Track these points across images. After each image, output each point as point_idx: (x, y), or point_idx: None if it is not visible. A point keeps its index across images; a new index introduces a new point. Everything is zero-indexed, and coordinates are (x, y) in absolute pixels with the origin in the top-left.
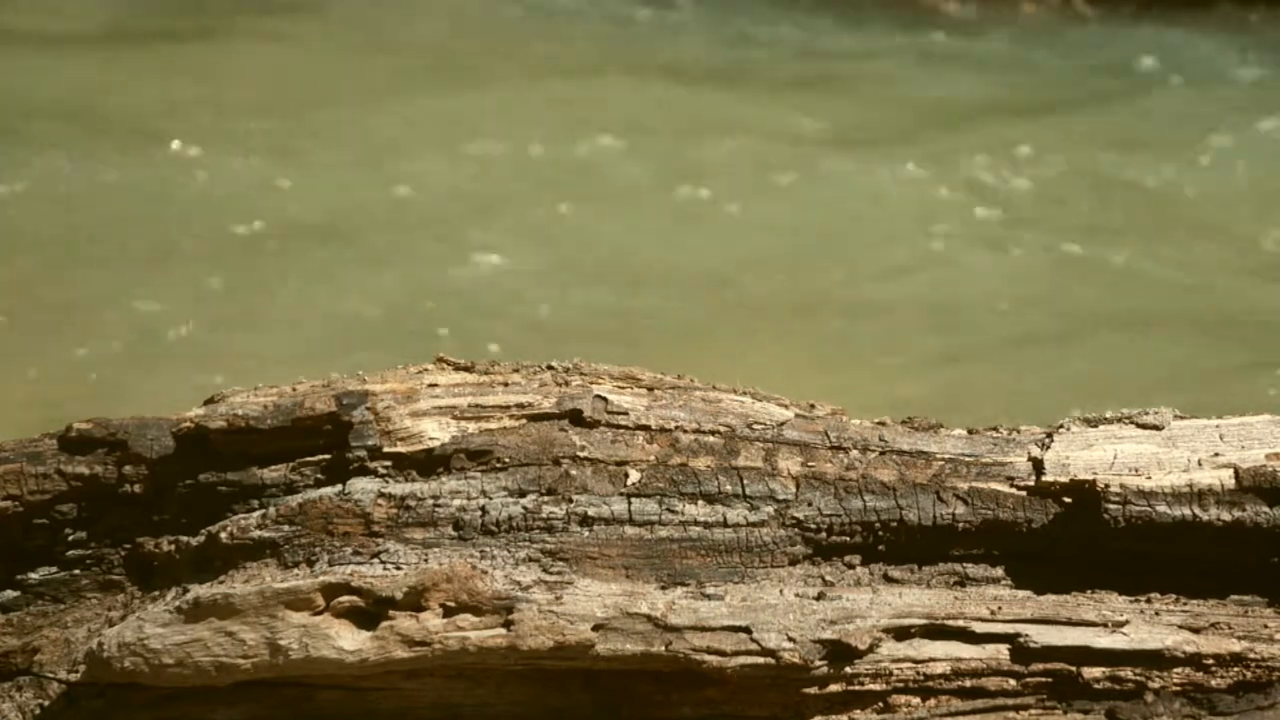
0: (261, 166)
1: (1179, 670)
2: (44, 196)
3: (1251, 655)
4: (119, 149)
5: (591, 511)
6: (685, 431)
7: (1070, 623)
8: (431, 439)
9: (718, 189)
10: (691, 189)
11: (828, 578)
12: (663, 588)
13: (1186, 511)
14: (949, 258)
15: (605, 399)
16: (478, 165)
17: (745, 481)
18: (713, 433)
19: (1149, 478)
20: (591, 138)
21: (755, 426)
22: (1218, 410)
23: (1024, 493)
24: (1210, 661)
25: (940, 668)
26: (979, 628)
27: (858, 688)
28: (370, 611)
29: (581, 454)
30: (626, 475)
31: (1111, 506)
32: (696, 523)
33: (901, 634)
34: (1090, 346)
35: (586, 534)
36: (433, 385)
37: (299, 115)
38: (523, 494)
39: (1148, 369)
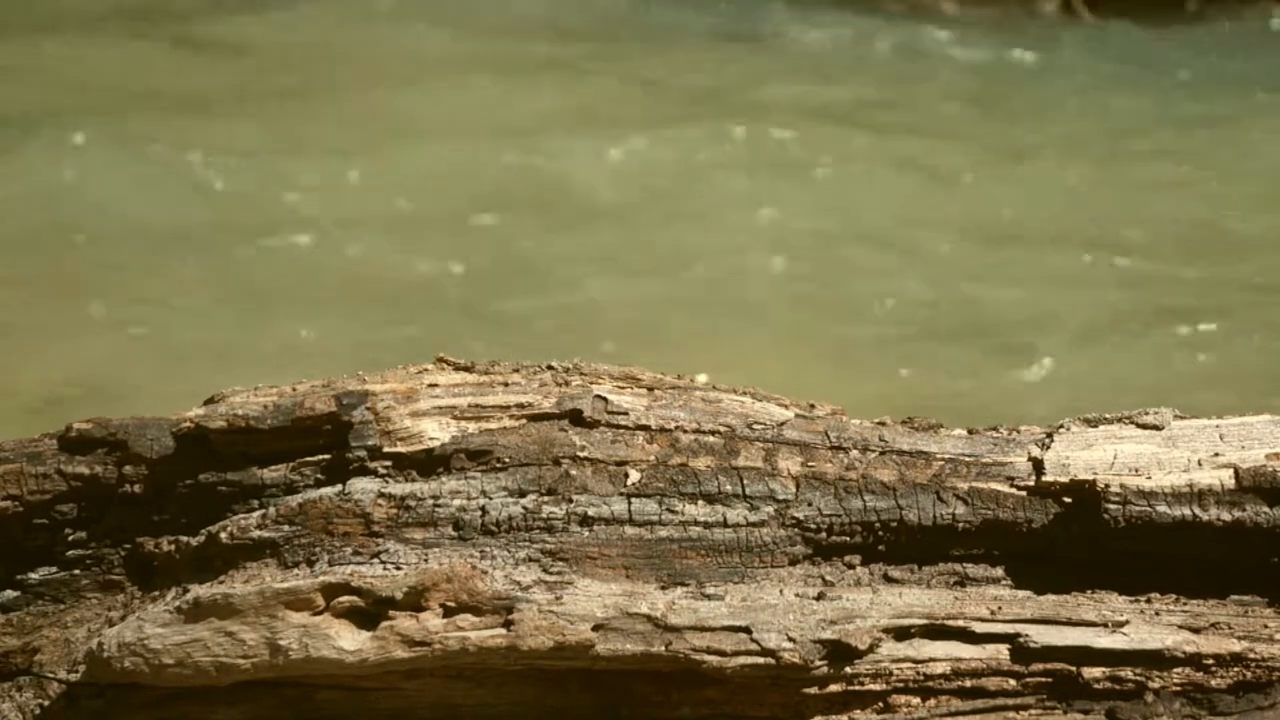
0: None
1: (1179, 670)
2: (41, 194)
3: (1251, 655)
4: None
5: (591, 511)
6: (685, 431)
7: (1070, 623)
8: (431, 439)
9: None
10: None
11: (828, 578)
12: (663, 588)
13: (1186, 511)
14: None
15: (605, 399)
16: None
17: (745, 481)
18: (713, 433)
19: (1149, 478)
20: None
21: (755, 426)
22: None
23: (1024, 493)
24: (1210, 661)
25: (940, 668)
26: (979, 628)
27: (858, 688)
28: (370, 611)
29: (581, 454)
30: (626, 475)
31: (1111, 506)
32: (696, 523)
33: (901, 634)
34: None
35: (586, 534)
36: (433, 385)
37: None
38: (523, 494)
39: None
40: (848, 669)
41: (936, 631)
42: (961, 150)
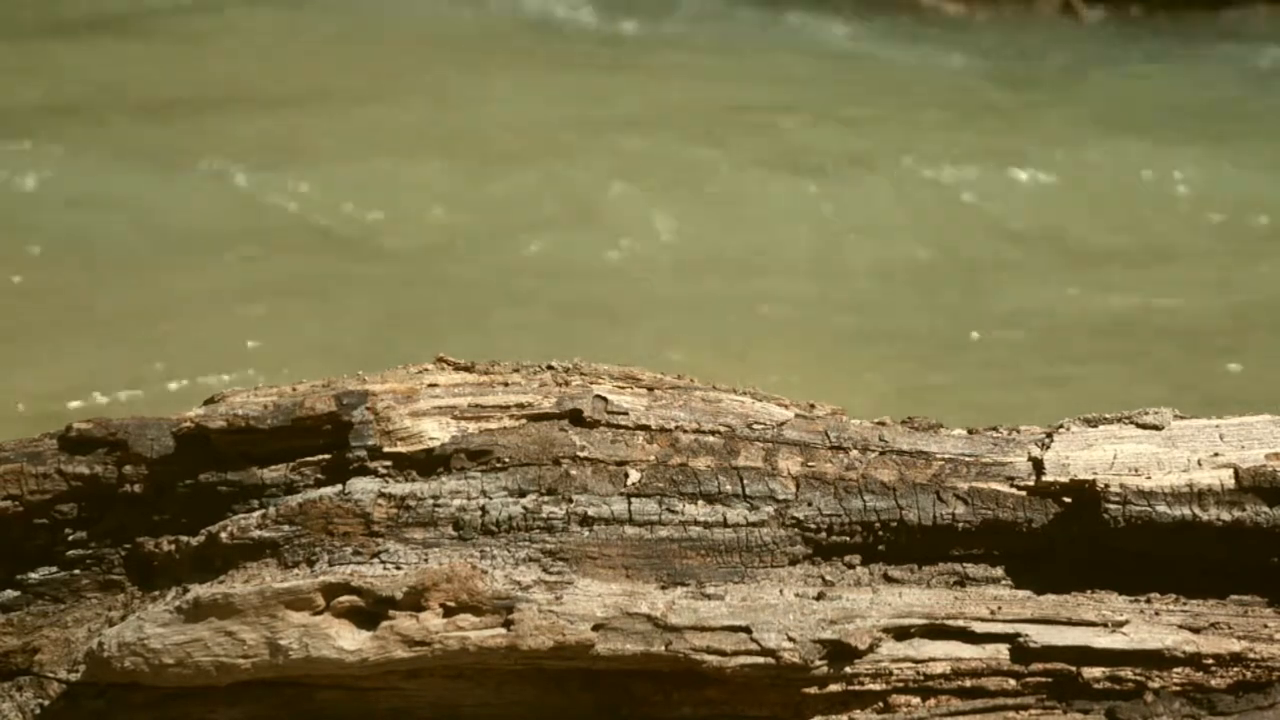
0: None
1: (1179, 670)
2: (50, 195)
3: (1251, 655)
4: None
5: (591, 511)
6: (685, 431)
7: (1070, 623)
8: (431, 439)
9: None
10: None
11: (828, 577)
12: (663, 588)
13: (1186, 511)
14: None
15: (605, 399)
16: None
17: (745, 481)
18: (713, 433)
19: (1149, 478)
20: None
21: (755, 426)
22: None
23: (1024, 493)
24: (1210, 661)
25: (940, 667)
26: (979, 628)
27: (858, 688)
28: (370, 611)
29: (581, 454)
30: (626, 475)
31: (1111, 506)
32: (696, 523)
33: (901, 634)
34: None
35: (586, 534)
36: (433, 385)
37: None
38: (523, 494)
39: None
40: (848, 669)
41: (936, 631)
42: (962, 151)
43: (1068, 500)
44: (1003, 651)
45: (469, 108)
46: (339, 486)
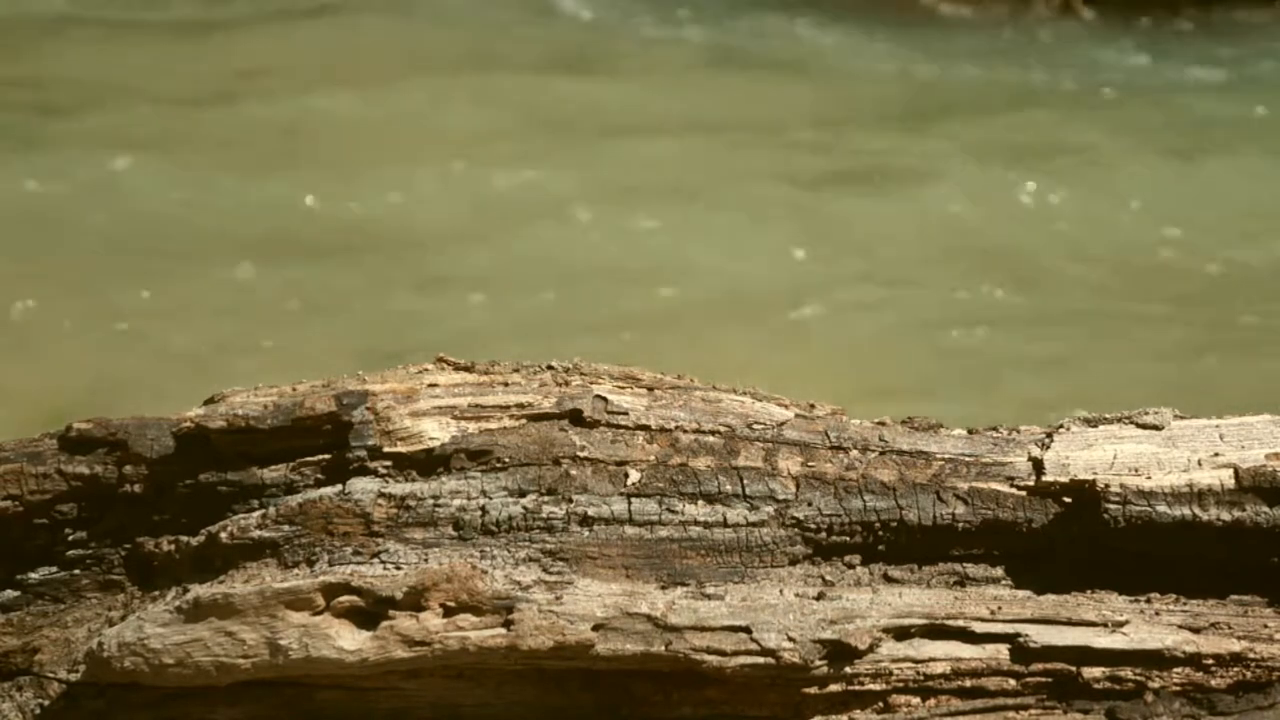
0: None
1: (1179, 670)
2: (55, 193)
3: (1251, 655)
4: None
5: (591, 511)
6: (685, 431)
7: (1070, 623)
8: (431, 439)
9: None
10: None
11: (828, 578)
12: (663, 588)
13: (1186, 511)
14: None
15: (605, 399)
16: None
17: (745, 481)
18: (713, 433)
19: (1149, 478)
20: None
21: (755, 426)
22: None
23: (1024, 493)
24: (1210, 661)
25: (940, 667)
26: (979, 628)
27: (858, 688)
28: (370, 611)
29: (581, 454)
30: (626, 475)
31: (1111, 506)
32: (696, 523)
33: (901, 634)
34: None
35: (586, 534)
36: (433, 385)
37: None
38: (523, 494)
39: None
40: (848, 669)
41: (936, 631)
42: (965, 155)
43: (1068, 500)
44: (1003, 651)
45: (472, 108)
46: (339, 486)
